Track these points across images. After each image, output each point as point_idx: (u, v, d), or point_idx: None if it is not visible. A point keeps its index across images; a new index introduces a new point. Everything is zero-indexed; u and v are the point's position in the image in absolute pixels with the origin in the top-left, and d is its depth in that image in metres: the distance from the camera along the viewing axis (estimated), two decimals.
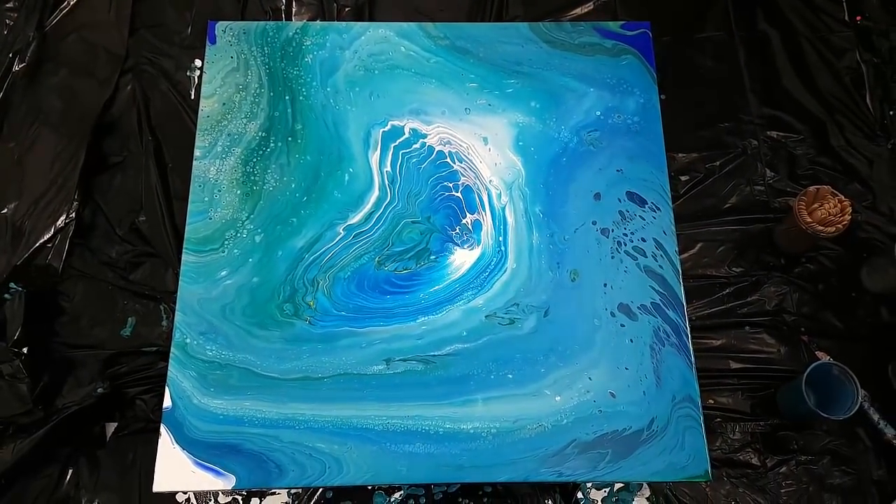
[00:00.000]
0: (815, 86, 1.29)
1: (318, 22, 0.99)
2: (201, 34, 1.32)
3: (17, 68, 1.26)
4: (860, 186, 1.18)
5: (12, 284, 1.05)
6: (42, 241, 1.10)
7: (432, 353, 0.76)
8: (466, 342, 0.77)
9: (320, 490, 0.95)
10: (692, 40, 1.35)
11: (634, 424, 0.73)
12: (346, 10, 1.32)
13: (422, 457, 0.71)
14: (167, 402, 0.73)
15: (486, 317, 0.78)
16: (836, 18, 1.35)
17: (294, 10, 1.35)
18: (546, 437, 0.72)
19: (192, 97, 1.27)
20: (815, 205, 1.05)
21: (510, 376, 0.75)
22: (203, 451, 0.71)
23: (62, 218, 1.12)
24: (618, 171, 0.87)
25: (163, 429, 0.72)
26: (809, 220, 1.04)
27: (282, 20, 1.33)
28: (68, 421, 0.94)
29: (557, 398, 0.74)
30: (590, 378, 0.75)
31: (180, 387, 0.74)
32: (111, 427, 0.99)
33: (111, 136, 1.25)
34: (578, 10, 1.36)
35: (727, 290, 1.14)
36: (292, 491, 0.95)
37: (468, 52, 0.93)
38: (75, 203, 1.15)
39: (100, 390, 0.96)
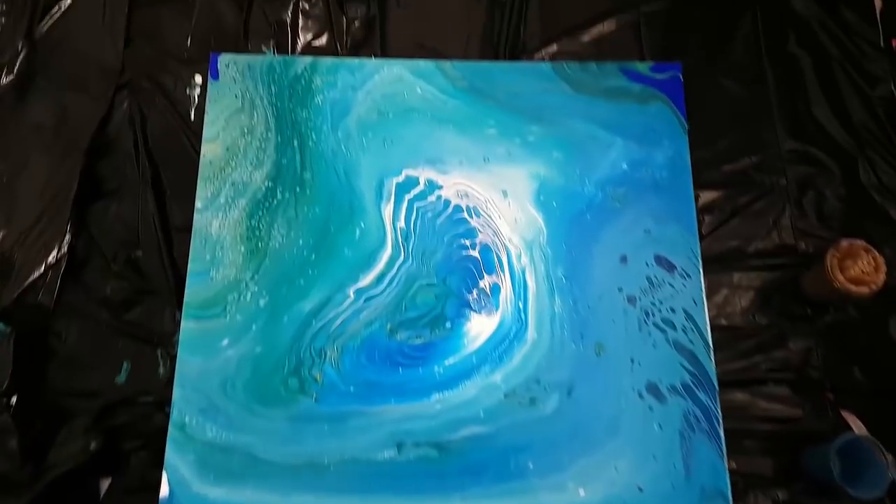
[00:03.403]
0: (846, 116, 1.22)
1: (328, 58, 0.92)
2: (201, 47, 1.25)
3: (4, 81, 1.18)
4: (890, 228, 1.12)
5: (0, 324, 0.99)
6: (33, 277, 1.04)
7: (448, 437, 0.72)
8: (484, 424, 0.73)
9: None
10: (718, 63, 1.28)
11: None
12: (356, 22, 1.24)
13: None
14: (164, 491, 0.69)
15: (505, 395, 0.74)
16: (871, 43, 1.28)
17: (300, 23, 1.27)
18: None
19: (193, 118, 1.20)
20: (848, 261, 1.00)
21: (530, 465, 0.71)
22: None
23: (54, 252, 1.06)
24: (645, 231, 0.82)
25: None
26: (842, 278, 0.98)
27: (287, 35, 1.25)
28: (61, 479, 0.89)
29: (581, 492, 0.70)
30: (616, 469, 0.71)
31: (178, 473, 0.69)
32: (105, 482, 0.94)
33: (106, 160, 1.17)
34: (601, 28, 1.27)
35: (750, 343, 1.08)
36: None
37: (487, 94, 0.87)
38: (68, 236, 1.09)
39: (94, 446, 0.91)
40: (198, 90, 1.23)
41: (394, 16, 1.28)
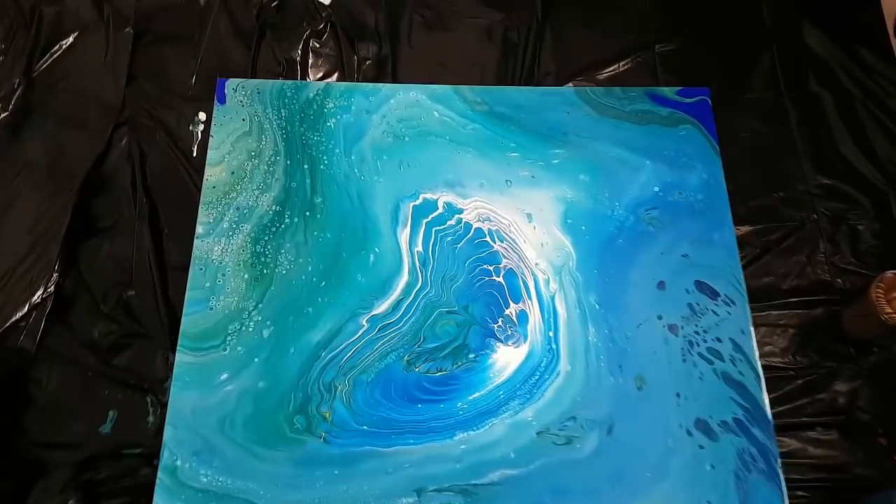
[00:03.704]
0: (872, 153, 1.21)
1: (341, 83, 0.91)
2: (207, 84, 1.24)
3: None
4: None
5: None
6: (14, 318, 0.99)
7: (473, 482, 0.65)
8: (515, 467, 0.66)
9: None
10: (739, 101, 1.28)
11: None
12: (367, 62, 1.25)
13: None
14: None
15: (537, 434, 0.68)
16: (892, 81, 1.29)
17: (310, 61, 1.28)
18: None
19: (195, 155, 1.18)
20: (894, 294, 0.95)
21: None
22: None
23: (39, 292, 1.02)
24: (683, 256, 0.77)
25: None
26: (889, 310, 0.93)
27: (296, 73, 1.25)
28: None
29: None
30: None
31: None
32: None
33: (101, 197, 1.14)
34: (616, 68, 1.28)
35: (793, 385, 1.02)
36: None
37: (508, 118, 0.85)
38: (55, 275, 1.04)
39: (72, 502, 0.83)
40: (201, 127, 1.22)
41: (405, 55, 1.28)
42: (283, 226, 0.78)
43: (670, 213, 0.81)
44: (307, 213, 0.79)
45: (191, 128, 1.21)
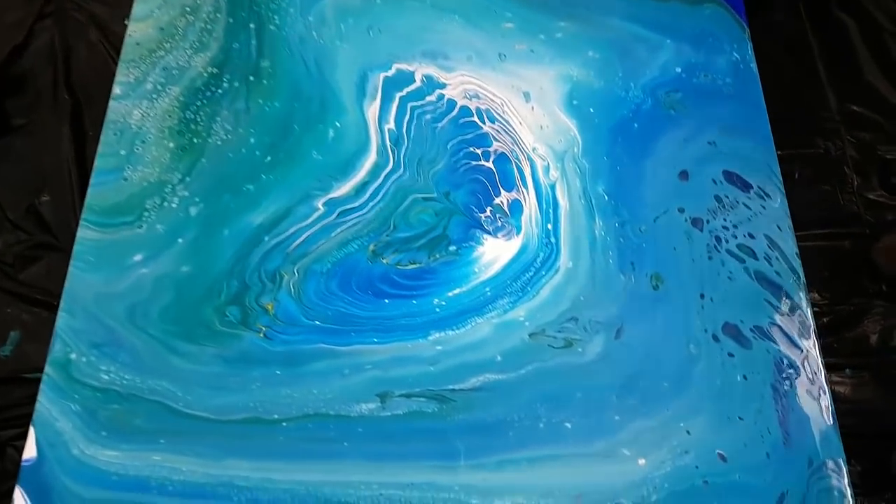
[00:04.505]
0: None
1: None
2: None
3: None
4: None
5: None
6: None
7: (450, 387, 0.56)
8: (502, 372, 0.57)
9: None
10: (757, 26, 1.22)
11: (757, 502, 0.53)
12: None
13: None
14: (30, 452, 0.51)
15: (530, 335, 0.59)
16: None
17: None
18: None
19: None
20: None
21: (568, 425, 0.55)
22: None
23: None
24: (710, 143, 0.70)
25: (17, 493, 0.50)
26: None
27: None
28: None
29: (641, 461, 0.54)
30: (688, 432, 0.56)
31: (53, 427, 0.52)
32: None
33: (16, 94, 1.05)
34: None
35: (821, 322, 0.96)
36: None
37: None
38: None
39: None
40: None
41: None
42: (220, 91, 0.68)
43: (695, 96, 0.73)
44: (251, 78, 0.69)
45: (126, 22, 1.10)
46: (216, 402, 0.55)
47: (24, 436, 0.79)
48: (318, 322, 0.59)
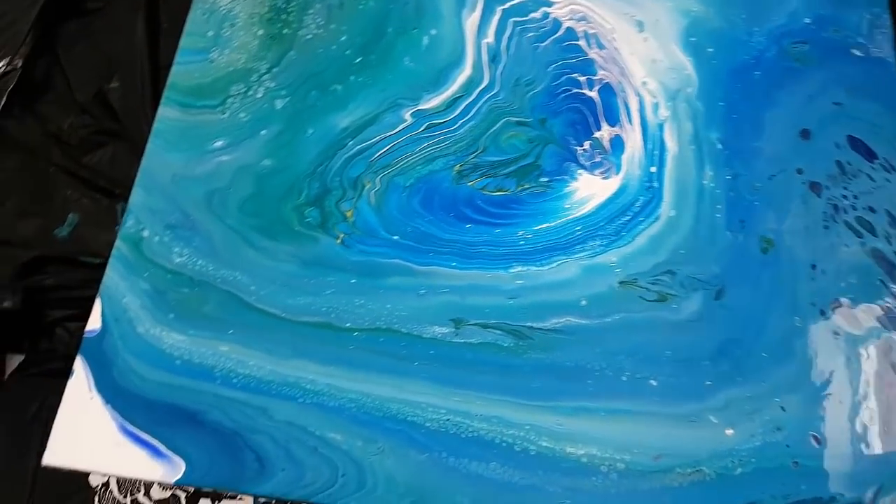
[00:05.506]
0: None
1: None
2: None
3: None
4: None
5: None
6: None
7: (529, 324, 0.54)
8: (586, 317, 0.55)
9: None
10: None
11: (847, 493, 0.50)
12: None
13: (496, 486, 0.50)
14: (94, 323, 0.51)
15: (620, 283, 0.56)
16: None
17: None
18: (704, 490, 0.50)
19: None
20: None
21: (653, 383, 0.53)
22: (140, 412, 0.50)
23: (3, 62, 0.91)
24: (835, 104, 0.65)
25: (78, 363, 0.50)
26: None
27: None
28: None
29: (729, 431, 0.52)
30: (783, 408, 0.53)
31: (120, 303, 0.52)
32: (14, 360, 0.77)
33: None
34: None
35: None
36: (261, 500, 0.73)
37: None
38: (24, 48, 0.93)
39: (7, 304, 0.74)
40: None
41: None
42: None
43: (823, 50, 0.67)
44: None
45: None
46: (289, 301, 0.54)
47: (74, 318, 0.81)
48: (397, 237, 0.57)
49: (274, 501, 0.73)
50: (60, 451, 0.49)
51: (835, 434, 0.53)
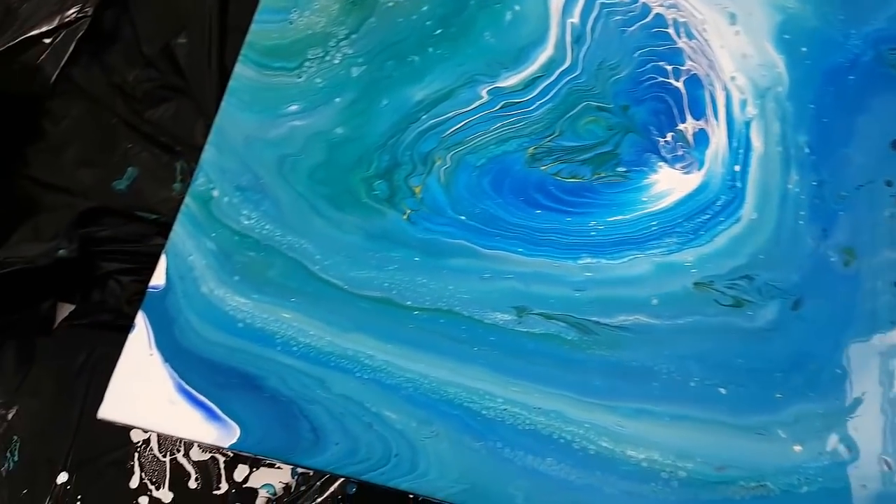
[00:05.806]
0: None
1: None
2: None
3: None
4: None
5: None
6: (40, 31, 0.89)
7: (595, 319, 0.53)
8: (656, 317, 0.53)
9: (340, 479, 0.71)
10: None
11: None
12: None
13: (552, 482, 0.49)
14: (158, 279, 0.51)
15: (695, 284, 0.54)
16: None
17: None
18: None
19: None
20: None
21: (722, 391, 0.51)
22: (198, 372, 0.50)
23: (74, 9, 0.91)
24: None
25: (140, 319, 0.50)
26: None
27: None
28: (5, 283, 0.73)
29: (797, 447, 0.50)
30: (856, 429, 0.50)
31: (186, 260, 0.52)
32: (65, 310, 0.78)
33: None
34: None
35: None
36: (299, 468, 0.72)
37: None
38: None
39: (62, 252, 0.75)
40: None
41: None
42: None
43: None
44: None
45: None
46: (352, 273, 0.53)
47: (127, 272, 0.82)
48: (463, 217, 0.56)
49: (311, 473, 0.73)
50: (116, 406, 0.50)
51: None
